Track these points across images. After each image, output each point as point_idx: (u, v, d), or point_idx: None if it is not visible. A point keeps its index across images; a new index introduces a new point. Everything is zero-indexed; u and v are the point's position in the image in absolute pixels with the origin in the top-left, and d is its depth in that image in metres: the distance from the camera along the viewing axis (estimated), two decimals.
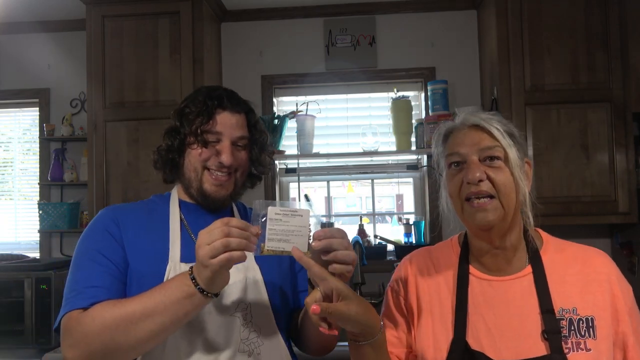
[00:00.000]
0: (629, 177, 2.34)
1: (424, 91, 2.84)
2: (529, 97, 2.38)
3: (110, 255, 1.09)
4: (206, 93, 1.19)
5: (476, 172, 0.96)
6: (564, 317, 0.95)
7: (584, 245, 1.06)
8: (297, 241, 0.93)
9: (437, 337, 1.01)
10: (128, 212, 1.19)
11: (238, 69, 2.91)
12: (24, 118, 3.15)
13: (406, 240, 2.82)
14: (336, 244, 0.92)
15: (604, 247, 2.67)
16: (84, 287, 1.05)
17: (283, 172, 2.97)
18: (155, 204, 1.23)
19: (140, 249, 1.11)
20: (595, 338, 0.94)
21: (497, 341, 0.96)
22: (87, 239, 1.13)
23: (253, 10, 2.89)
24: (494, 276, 1.02)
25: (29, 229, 3.09)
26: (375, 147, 2.70)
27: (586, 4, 2.38)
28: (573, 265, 1.01)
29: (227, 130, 1.16)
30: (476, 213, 0.97)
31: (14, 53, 3.04)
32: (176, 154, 1.19)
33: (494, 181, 0.96)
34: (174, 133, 1.19)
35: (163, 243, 1.13)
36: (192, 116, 1.17)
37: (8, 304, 2.41)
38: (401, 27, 2.87)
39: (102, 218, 1.16)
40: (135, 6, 2.57)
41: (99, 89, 2.57)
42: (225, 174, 1.17)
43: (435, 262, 1.10)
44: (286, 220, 0.93)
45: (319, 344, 1.21)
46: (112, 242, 1.11)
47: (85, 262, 1.09)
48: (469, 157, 0.99)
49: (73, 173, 2.88)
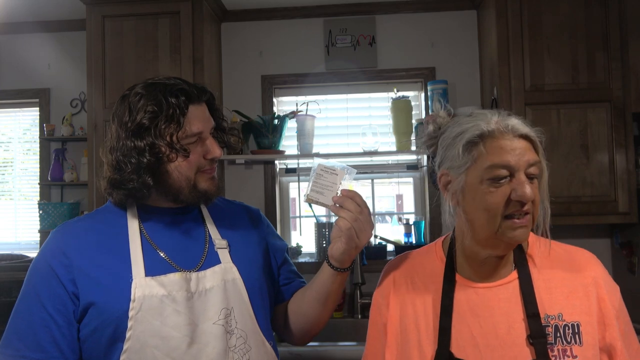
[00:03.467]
0: (629, 177, 2.34)
1: (424, 91, 2.84)
2: (529, 97, 2.38)
3: (52, 306, 1.01)
4: (164, 89, 1.04)
5: (529, 188, 0.89)
6: (550, 323, 0.93)
7: (570, 246, 1.04)
8: (328, 194, 1.06)
9: (422, 349, 0.99)
10: (80, 233, 1.08)
11: (238, 69, 2.91)
12: (24, 118, 3.16)
13: (406, 240, 2.82)
14: (349, 204, 1.03)
15: (604, 247, 2.67)
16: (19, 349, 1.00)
17: (283, 172, 2.96)
18: (111, 214, 1.12)
19: (99, 271, 1.03)
20: (581, 344, 0.92)
21: (482, 350, 0.94)
22: (32, 278, 1.05)
23: (253, 10, 2.89)
24: (480, 283, 1.00)
25: (29, 229, 3.09)
26: (375, 147, 2.70)
27: (586, 4, 2.38)
28: (559, 269, 0.99)
29: (206, 124, 1.08)
30: (517, 230, 0.91)
31: (14, 53, 3.04)
32: (152, 174, 1.04)
33: (535, 199, 0.92)
34: (138, 153, 1.01)
35: (123, 260, 1.04)
36: (162, 125, 1.01)
37: (8, 304, 2.40)
38: (401, 27, 2.87)
39: (48, 253, 1.06)
40: (135, 6, 2.57)
41: (99, 89, 2.57)
42: (214, 167, 1.12)
43: (420, 271, 1.07)
44: (326, 176, 1.07)
45: (305, 329, 1.20)
46: (57, 288, 1.01)
47: (26, 311, 1.02)
48: (518, 172, 0.89)
49: (73, 173, 2.88)
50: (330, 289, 1.12)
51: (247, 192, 2.85)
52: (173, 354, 1.00)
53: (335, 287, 1.12)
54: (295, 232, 3.01)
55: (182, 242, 1.12)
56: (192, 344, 1.01)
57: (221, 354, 1.03)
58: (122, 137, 1.03)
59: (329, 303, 1.15)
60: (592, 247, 1.06)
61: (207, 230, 1.16)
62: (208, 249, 1.13)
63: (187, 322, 1.02)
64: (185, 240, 1.12)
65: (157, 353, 0.99)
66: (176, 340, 1.00)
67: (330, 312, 1.18)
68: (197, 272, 1.07)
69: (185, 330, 1.01)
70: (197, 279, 1.06)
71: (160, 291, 1.02)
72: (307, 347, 2.20)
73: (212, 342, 1.03)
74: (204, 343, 1.02)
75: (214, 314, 1.05)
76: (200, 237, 1.14)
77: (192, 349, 1.01)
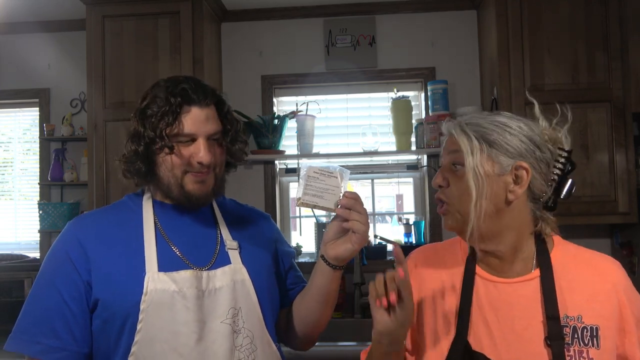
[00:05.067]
0: (629, 177, 2.34)
1: (424, 91, 2.84)
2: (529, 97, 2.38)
3: (68, 292, 1.03)
4: (167, 88, 1.09)
5: (437, 177, 1.00)
6: (568, 324, 0.94)
7: (597, 252, 1.04)
8: (329, 198, 1.04)
9: (437, 335, 1.01)
10: (96, 225, 1.11)
11: (238, 69, 2.91)
12: (24, 118, 3.16)
13: (406, 240, 2.82)
14: (359, 206, 1.03)
15: (604, 247, 2.67)
16: (35, 334, 1.02)
17: (283, 172, 2.97)
18: (127, 208, 1.16)
19: (113, 264, 1.05)
20: (598, 348, 0.92)
21: (498, 343, 0.95)
22: (48, 264, 1.08)
23: (253, 10, 2.89)
24: (500, 277, 1.00)
25: (29, 229, 3.08)
26: (375, 147, 2.70)
27: (586, 4, 2.38)
28: (582, 272, 0.99)
29: (200, 128, 1.07)
30: (443, 217, 1.01)
31: (14, 53, 3.04)
32: (144, 162, 1.09)
33: (450, 188, 0.98)
34: (138, 139, 1.08)
35: (137, 254, 1.07)
36: (156, 119, 1.06)
37: (8, 304, 2.41)
38: (401, 27, 2.87)
39: (65, 241, 1.09)
40: (135, 6, 2.57)
41: (99, 89, 2.57)
42: (205, 171, 1.11)
43: (442, 260, 1.09)
44: (322, 179, 1.04)
45: (307, 333, 1.22)
46: (72, 274, 1.04)
47: (42, 296, 1.05)
48: (442, 162, 1.02)
49: (73, 173, 2.88)
50: (330, 288, 1.14)
51: (247, 192, 2.85)
52: (181, 349, 1.01)
53: (334, 285, 1.14)
54: (295, 232, 3.01)
55: (195, 239, 1.14)
56: (199, 340, 1.03)
57: (227, 353, 1.05)
58: (134, 123, 1.11)
59: (330, 302, 1.17)
60: (592, 247, 1.05)
61: (219, 230, 1.18)
62: (219, 248, 1.15)
63: (196, 319, 1.03)
64: (197, 238, 1.14)
65: (166, 347, 1.01)
66: (185, 336, 1.02)
67: (331, 312, 1.20)
68: (208, 271, 1.09)
69: (194, 326, 1.03)
70: (208, 277, 1.08)
71: (171, 287, 1.03)
72: None
73: (219, 340, 1.04)
74: (211, 340, 1.04)
75: (222, 312, 1.06)
76: (212, 236, 1.17)
77: (200, 346, 1.03)
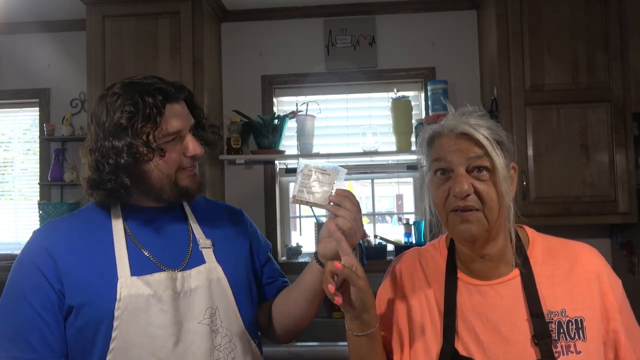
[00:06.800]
0: (629, 177, 2.34)
1: (424, 91, 2.84)
2: (529, 97, 2.38)
3: (39, 303, 1.00)
4: (136, 92, 1.03)
5: (464, 184, 0.92)
6: (553, 320, 0.93)
7: (571, 242, 1.04)
8: (322, 195, 1.05)
9: (428, 345, 1.00)
10: (65, 233, 1.07)
11: (238, 69, 2.91)
12: (24, 118, 3.15)
13: (406, 240, 2.82)
14: (348, 203, 1.02)
15: (604, 247, 2.67)
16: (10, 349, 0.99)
17: (283, 172, 2.97)
18: (95, 214, 1.11)
19: (85, 271, 1.02)
20: (585, 340, 0.92)
21: (485, 348, 0.94)
22: (15, 276, 1.04)
23: (253, 10, 2.89)
24: (481, 281, 1.00)
25: (29, 229, 3.05)
26: (375, 147, 2.70)
27: (586, 4, 2.38)
28: (561, 265, 0.99)
29: (183, 123, 1.06)
30: (460, 224, 0.94)
31: (14, 53, 3.04)
32: (129, 174, 1.03)
33: (481, 194, 0.92)
34: (117, 153, 1.01)
35: (109, 260, 1.04)
36: (139, 125, 1.01)
37: None
38: (401, 27, 2.87)
39: (31, 251, 1.05)
40: (135, 6, 2.57)
41: (99, 89, 2.57)
42: (195, 164, 1.11)
43: (425, 267, 1.08)
44: (317, 176, 1.05)
45: (290, 328, 1.21)
46: (42, 284, 1.01)
47: (14, 310, 1.01)
48: (456, 168, 0.94)
49: (73, 173, 2.89)
50: (319, 287, 1.12)
51: (247, 192, 2.85)
52: (159, 353, 1.00)
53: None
54: (295, 232, 3.01)
55: (166, 241, 1.12)
56: (177, 343, 1.02)
57: (206, 353, 1.04)
58: (100, 137, 1.03)
59: (316, 301, 1.16)
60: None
61: (190, 229, 1.16)
62: (192, 248, 1.13)
63: (172, 322, 1.02)
64: (169, 239, 1.12)
65: (143, 352, 0.99)
66: (162, 339, 1.01)
67: (316, 310, 1.19)
68: (183, 272, 1.07)
69: (171, 329, 1.02)
70: (183, 278, 1.06)
71: (146, 290, 1.02)
72: (307, 347, 2.20)
73: (197, 341, 1.03)
74: (189, 342, 1.03)
75: (199, 313, 1.05)
76: (184, 236, 1.14)
77: (178, 348, 1.02)
